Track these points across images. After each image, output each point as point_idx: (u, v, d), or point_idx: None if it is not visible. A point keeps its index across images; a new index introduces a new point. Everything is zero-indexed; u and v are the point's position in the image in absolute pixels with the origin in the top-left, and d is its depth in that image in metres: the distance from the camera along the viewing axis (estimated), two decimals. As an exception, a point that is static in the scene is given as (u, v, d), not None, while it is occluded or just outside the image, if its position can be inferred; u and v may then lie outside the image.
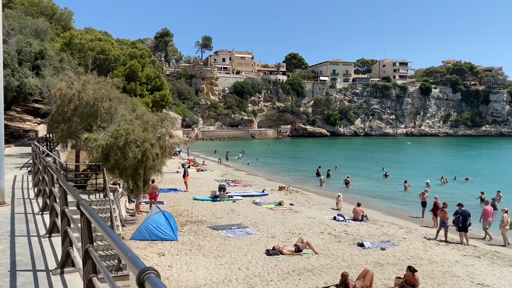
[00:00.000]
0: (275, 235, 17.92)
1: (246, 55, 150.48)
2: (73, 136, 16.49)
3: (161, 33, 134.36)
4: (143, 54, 40.62)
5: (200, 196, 26.84)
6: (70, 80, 16.06)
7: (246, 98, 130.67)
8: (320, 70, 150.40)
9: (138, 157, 15.10)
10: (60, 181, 5.56)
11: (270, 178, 41.62)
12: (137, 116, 17.12)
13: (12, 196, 8.92)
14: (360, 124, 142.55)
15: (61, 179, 5.77)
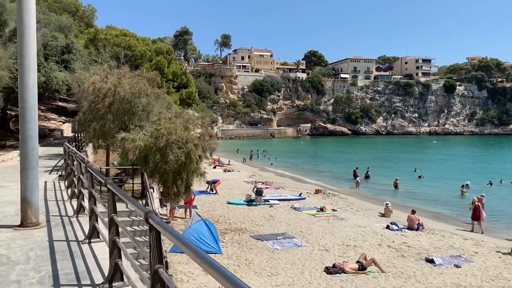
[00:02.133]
0: (328, 248, 16.00)
1: (265, 53, 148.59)
2: (107, 136, 14.86)
3: (181, 32, 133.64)
4: (169, 50, 39.16)
5: (234, 200, 25.09)
6: (105, 73, 14.41)
7: (265, 96, 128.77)
8: (341, 67, 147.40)
9: (181, 160, 13.37)
10: (109, 184, 3.82)
11: (300, 179, 39.67)
12: (176, 113, 15.40)
13: (46, 213, 7.23)
14: (382, 123, 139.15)
15: (110, 182, 4.01)
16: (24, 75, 6.11)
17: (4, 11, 21.83)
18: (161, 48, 38.16)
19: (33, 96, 6.22)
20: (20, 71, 6.13)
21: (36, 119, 6.31)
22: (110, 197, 3.80)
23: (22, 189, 6.29)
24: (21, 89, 6.15)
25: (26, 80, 6.13)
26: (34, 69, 6.21)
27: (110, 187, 3.80)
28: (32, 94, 6.21)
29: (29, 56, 6.09)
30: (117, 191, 3.65)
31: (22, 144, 6.27)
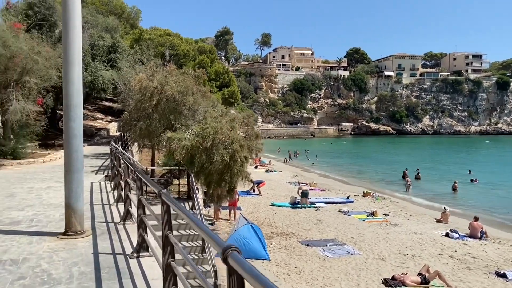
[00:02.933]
0: (383, 256, 14.81)
1: (306, 51, 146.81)
2: (153, 135, 14.48)
3: (222, 32, 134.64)
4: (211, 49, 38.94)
5: (279, 202, 24.26)
6: (151, 71, 14.02)
7: (305, 95, 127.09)
8: (385, 64, 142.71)
9: (226, 160, 12.70)
10: (163, 196, 3.09)
11: (345, 180, 38.19)
12: (222, 112, 14.78)
13: (91, 218, 6.71)
14: (429, 122, 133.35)
15: (165, 193, 3.26)
16: (68, 68, 5.59)
17: (54, 12, 22.22)
18: (204, 47, 38.01)
19: (77, 91, 5.70)
20: (64, 64, 5.62)
21: (81, 117, 5.79)
22: (165, 211, 3.09)
23: (66, 194, 5.79)
24: (65, 84, 5.64)
25: (70, 74, 5.61)
26: (79, 61, 5.68)
27: (165, 199, 3.09)
28: (77, 89, 5.69)
29: (73, 47, 5.56)
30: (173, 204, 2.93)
31: (66, 144, 5.76)
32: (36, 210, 7.54)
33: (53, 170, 13.82)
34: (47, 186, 10.55)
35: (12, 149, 15.03)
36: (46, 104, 20.68)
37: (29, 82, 14.76)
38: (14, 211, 7.37)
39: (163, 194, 3.20)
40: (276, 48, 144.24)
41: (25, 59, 14.32)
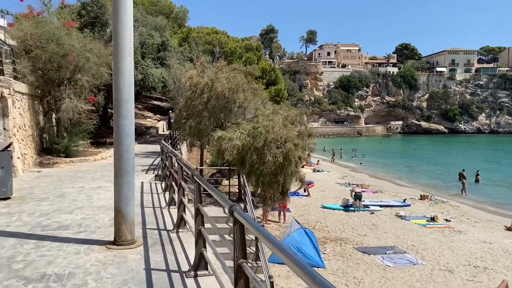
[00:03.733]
0: (451, 268, 13.42)
1: (353, 48, 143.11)
2: (202, 134, 13.98)
3: (266, 30, 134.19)
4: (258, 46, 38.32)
5: (329, 204, 23.15)
6: (201, 67, 13.50)
7: (352, 92, 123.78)
8: (436, 60, 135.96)
9: (279, 161, 11.91)
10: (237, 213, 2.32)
11: (397, 181, 36.26)
12: (274, 110, 14.01)
13: (142, 225, 6.14)
14: (485, 120, 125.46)
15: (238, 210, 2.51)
16: (119, 59, 5.02)
17: (106, 11, 22.44)
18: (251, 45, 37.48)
19: (129, 85, 5.12)
20: (115, 54, 5.06)
21: (132, 113, 5.21)
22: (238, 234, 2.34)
23: (116, 199, 5.23)
24: (115, 76, 5.08)
25: (120, 65, 5.03)
26: (130, 51, 5.10)
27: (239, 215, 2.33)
28: (128, 82, 5.11)
29: (124, 35, 4.99)
30: (255, 229, 2.19)
31: (116, 144, 5.21)
32: (85, 213, 7.13)
33: (103, 169, 13.67)
34: (97, 186, 10.27)
35: (65, 147, 15.11)
36: (98, 103, 20.87)
37: (81, 80, 14.76)
38: (63, 214, 7.00)
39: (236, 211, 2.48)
40: (321, 45, 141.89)
41: (77, 57, 14.32)
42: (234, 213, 2.50)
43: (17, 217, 6.68)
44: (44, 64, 14.14)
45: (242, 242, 2.49)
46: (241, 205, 2.62)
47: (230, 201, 2.76)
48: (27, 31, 14.06)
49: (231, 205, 2.55)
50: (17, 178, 11.03)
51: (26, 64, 13.79)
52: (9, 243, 5.29)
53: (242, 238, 2.51)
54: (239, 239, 2.50)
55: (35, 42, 13.98)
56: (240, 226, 2.49)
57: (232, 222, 2.50)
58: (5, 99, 11.01)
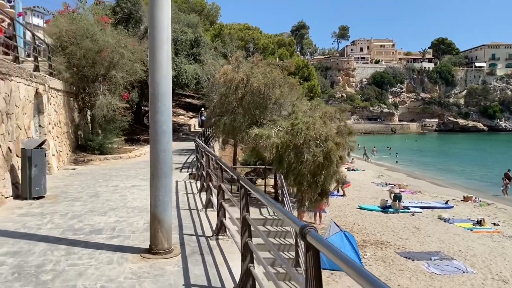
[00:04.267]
0: (505, 278, 12.37)
1: (386, 43, 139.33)
2: (237, 131, 13.49)
3: (297, 26, 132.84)
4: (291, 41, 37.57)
5: (367, 205, 22.19)
6: (236, 62, 13.00)
7: (386, 89, 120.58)
8: (475, 55, 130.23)
9: (319, 160, 11.22)
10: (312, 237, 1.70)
11: (437, 181, 34.64)
12: (312, 106, 13.33)
13: (179, 230, 5.67)
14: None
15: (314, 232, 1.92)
16: (155, 48, 4.53)
17: (140, 8, 22.39)
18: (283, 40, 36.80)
19: (166, 77, 4.63)
20: (151, 44, 4.57)
21: (170, 109, 4.72)
22: (312, 263, 1.77)
23: (152, 203, 4.76)
24: (151, 68, 4.59)
25: (157, 56, 4.54)
26: (168, 39, 4.59)
27: (314, 243, 1.76)
28: (165, 74, 4.61)
29: (161, 21, 4.48)
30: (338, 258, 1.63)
31: (152, 142, 4.73)
32: (119, 215, 6.75)
33: (137, 167, 13.42)
34: (131, 185, 9.95)
35: (99, 144, 15.02)
36: (132, 100, 20.83)
37: (115, 77, 14.59)
38: (96, 216, 6.64)
39: (310, 234, 1.89)
40: (354, 41, 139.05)
41: (112, 53, 14.15)
42: (307, 237, 1.93)
43: (49, 219, 6.37)
44: (79, 60, 14.05)
45: (318, 274, 1.91)
46: (315, 226, 2.03)
47: (300, 221, 2.18)
48: (62, 28, 14.01)
49: (303, 226, 1.98)
50: (52, 175, 10.90)
51: (61, 61, 13.74)
52: (39, 248, 4.94)
53: (317, 269, 1.92)
54: (313, 269, 1.91)
55: (70, 39, 13.91)
56: (314, 253, 1.91)
57: (304, 247, 1.92)
58: (40, 95, 10.89)
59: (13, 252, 4.78)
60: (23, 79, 9.19)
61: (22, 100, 9.07)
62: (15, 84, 8.56)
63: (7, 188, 7.65)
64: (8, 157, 7.86)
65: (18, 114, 8.68)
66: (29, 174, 7.80)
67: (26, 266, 4.31)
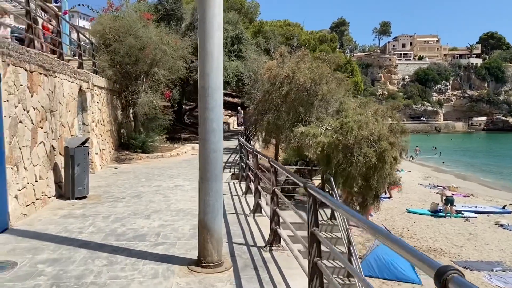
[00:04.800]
0: None
1: (430, 39, 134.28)
2: (281, 129, 12.88)
3: (337, 23, 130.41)
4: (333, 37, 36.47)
5: (415, 208, 20.96)
6: (281, 57, 12.39)
7: (430, 86, 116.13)
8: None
9: (372, 162, 10.41)
10: None
11: (489, 184, 32.49)
12: (361, 103, 12.50)
13: (228, 238, 5.13)
14: None
15: None
16: (206, 35, 4.01)
17: (181, 6, 22.33)
18: (325, 36, 35.75)
19: (217, 69, 4.10)
20: (200, 30, 4.05)
21: (221, 104, 4.20)
22: None
23: (201, 210, 4.26)
24: (201, 59, 4.07)
25: (208, 44, 4.02)
26: (220, 25, 4.07)
27: None
28: (217, 66, 4.09)
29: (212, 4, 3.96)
30: None
31: (202, 142, 4.22)
32: (163, 218, 6.33)
33: (180, 166, 13.14)
34: (174, 185, 9.60)
35: (141, 142, 14.90)
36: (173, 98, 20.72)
37: (158, 74, 14.39)
38: (139, 219, 6.26)
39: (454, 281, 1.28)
40: (396, 37, 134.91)
41: (154, 50, 13.95)
42: (449, 286, 1.31)
43: (91, 221, 6.05)
44: (122, 58, 13.96)
45: None
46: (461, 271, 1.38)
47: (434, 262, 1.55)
48: (106, 25, 13.98)
49: (446, 271, 1.35)
50: (95, 174, 10.77)
51: (104, 58, 13.69)
52: (80, 256, 4.57)
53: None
54: None
55: (113, 36, 13.85)
56: None
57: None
58: (84, 92, 10.78)
59: (53, 259, 4.44)
60: (67, 75, 9.03)
61: (65, 97, 8.92)
62: (59, 81, 8.40)
63: (50, 188, 7.46)
64: (51, 155, 7.68)
65: (61, 111, 8.52)
66: (71, 174, 7.58)
67: (65, 277, 3.93)
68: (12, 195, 5.83)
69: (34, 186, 6.68)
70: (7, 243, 5.00)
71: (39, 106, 7.12)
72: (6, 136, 5.70)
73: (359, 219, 2.28)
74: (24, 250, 4.73)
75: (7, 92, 5.82)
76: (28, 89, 6.63)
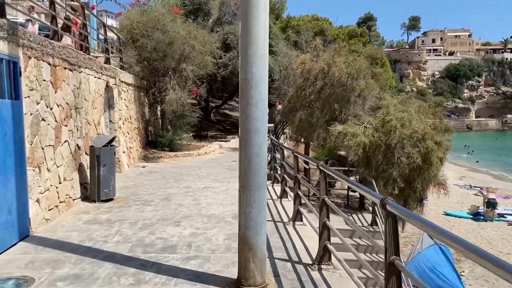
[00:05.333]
0: None
1: (462, 33, 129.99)
2: (314, 127, 12.17)
3: (364, 19, 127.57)
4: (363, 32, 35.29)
5: (453, 211, 19.83)
6: (316, 51, 11.66)
7: (461, 82, 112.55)
8: None
9: (417, 163, 9.58)
10: None
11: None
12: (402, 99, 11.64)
13: (269, 256, 4.48)
14: None
15: None
16: (250, 17, 3.39)
17: (208, 1, 21.88)
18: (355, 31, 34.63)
19: (262, 57, 3.48)
20: (243, 11, 3.42)
21: (265, 100, 3.57)
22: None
23: (242, 223, 3.65)
24: (243, 45, 3.45)
25: (252, 28, 3.39)
26: (266, 7, 3.44)
27: None
28: (262, 53, 3.47)
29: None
30: None
31: (243, 143, 3.61)
32: (195, 225, 5.77)
33: (208, 165, 12.63)
34: (204, 186, 9.06)
35: (169, 140, 14.49)
36: (200, 95, 20.29)
37: (186, 70, 13.91)
38: (169, 226, 5.72)
39: None
40: (425, 32, 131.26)
41: (183, 45, 13.46)
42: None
43: (117, 229, 5.55)
44: (149, 53, 13.56)
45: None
46: None
47: None
48: (133, 19, 13.61)
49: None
50: (122, 173, 10.38)
51: (132, 54, 13.32)
52: (104, 271, 4.05)
53: None
54: None
55: (140, 31, 13.46)
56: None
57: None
58: (111, 89, 10.38)
59: (74, 275, 3.93)
60: (93, 71, 8.62)
61: (92, 94, 8.51)
62: (84, 76, 7.97)
63: (75, 189, 7.03)
64: (76, 155, 7.26)
65: (87, 108, 8.10)
66: (97, 175, 7.14)
67: (86, 300, 3.40)
68: (34, 199, 5.40)
69: (57, 188, 6.25)
70: (26, 253, 4.55)
71: (63, 103, 6.69)
72: (27, 135, 5.26)
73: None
74: (43, 263, 4.25)
75: (29, 87, 5.38)
76: (51, 85, 6.20)
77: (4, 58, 4.76)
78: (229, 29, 21.10)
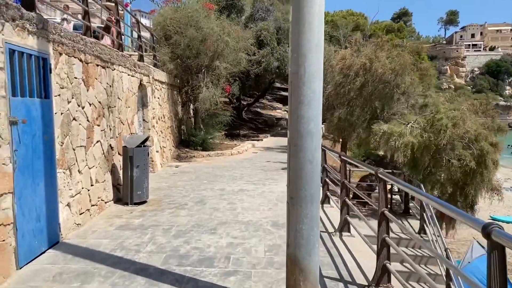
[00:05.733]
0: None
1: (504, 27, 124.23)
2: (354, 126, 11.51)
3: (399, 14, 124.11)
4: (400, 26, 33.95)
5: (501, 216, 18.57)
6: (356, 46, 11.01)
7: (502, 79, 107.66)
8: None
9: (471, 166, 8.77)
10: None
11: None
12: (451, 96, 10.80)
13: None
14: None
15: None
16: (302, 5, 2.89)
17: (241, -2, 21.57)
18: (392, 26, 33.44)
19: (317, 47, 2.98)
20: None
21: (320, 98, 3.08)
22: None
23: (291, 241, 3.17)
24: (294, 33, 2.96)
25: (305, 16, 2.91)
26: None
27: None
28: (317, 43, 2.98)
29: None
30: None
31: (293, 148, 3.12)
32: (232, 234, 5.34)
33: (241, 166, 12.23)
34: (239, 188, 8.65)
35: (202, 139, 14.22)
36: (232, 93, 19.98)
37: (219, 68, 13.56)
38: (204, 234, 5.32)
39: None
40: (464, 27, 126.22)
41: (216, 42, 13.12)
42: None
43: (150, 236, 5.19)
44: (182, 50, 13.29)
45: None
46: None
47: None
48: (166, 16, 13.39)
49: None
50: (155, 173, 10.13)
51: (165, 51, 13.09)
52: (136, 287, 3.67)
53: None
54: None
55: (174, 28, 13.21)
56: None
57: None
58: (145, 87, 10.15)
59: (104, 292, 3.57)
60: (127, 68, 8.36)
61: (125, 92, 8.25)
62: (117, 74, 7.71)
63: (107, 192, 6.77)
64: (109, 156, 6.99)
65: (120, 107, 7.84)
66: (130, 176, 6.85)
67: (116, 325, 3.02)
68: (64, 203, 5.12)
69: (89, 191, 5.98)
70: (55, 263, 4.25)
71: (95, 102, 6.42)
72: (57, 135, 4.98)
73: None
74: (72, 276, 3.93)
75: (59, 85, 5.10)
76: (83, 82, 5.92)
77: (33, 54, 4.48)
78: (262, 25, 20.65)
